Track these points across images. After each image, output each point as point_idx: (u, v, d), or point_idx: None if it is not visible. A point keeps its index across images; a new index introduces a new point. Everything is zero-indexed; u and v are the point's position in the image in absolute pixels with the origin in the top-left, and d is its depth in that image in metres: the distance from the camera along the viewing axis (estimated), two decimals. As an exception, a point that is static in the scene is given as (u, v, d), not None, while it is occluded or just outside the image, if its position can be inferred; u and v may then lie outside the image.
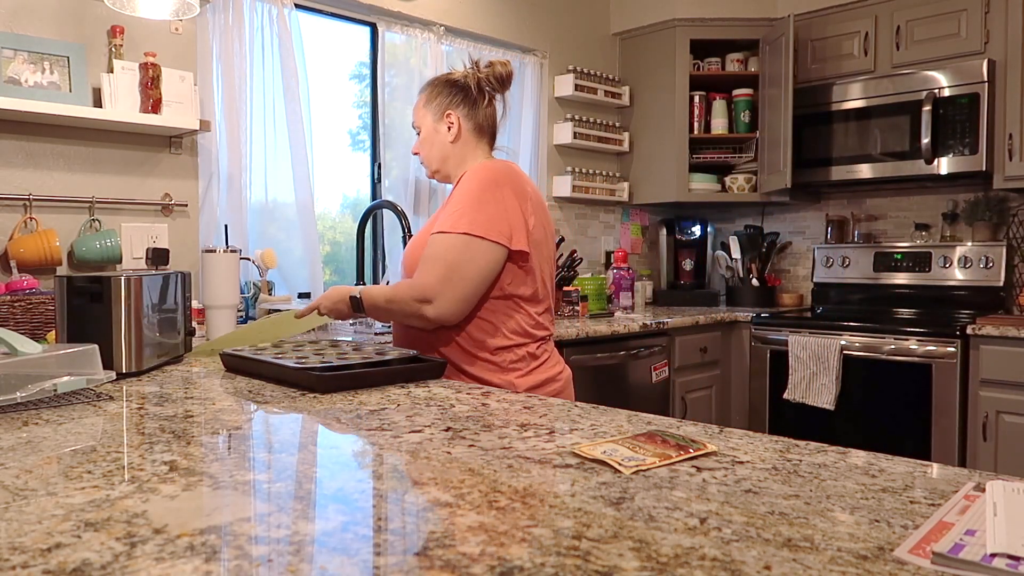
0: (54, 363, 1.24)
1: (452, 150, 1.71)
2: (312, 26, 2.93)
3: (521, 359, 1.61)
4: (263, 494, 0.76)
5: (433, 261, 1.54)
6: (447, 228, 1.55)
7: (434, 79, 1.76)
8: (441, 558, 0.59)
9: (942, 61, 3.17)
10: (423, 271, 1.55)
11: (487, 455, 0.90)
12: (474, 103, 1.70)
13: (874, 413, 2.98)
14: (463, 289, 1.53)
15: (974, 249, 3.29)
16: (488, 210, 1.54)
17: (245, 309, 2.54)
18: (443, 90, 1.71)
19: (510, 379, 1.58)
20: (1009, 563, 0.56)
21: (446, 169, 1.73)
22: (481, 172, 1.59)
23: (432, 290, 1.52)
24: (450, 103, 1.70)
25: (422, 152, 1.76)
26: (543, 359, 1.66)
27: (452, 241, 1.53)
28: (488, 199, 1.55)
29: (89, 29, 2.26)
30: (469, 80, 1.71)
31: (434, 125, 1.72)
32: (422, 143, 1.75)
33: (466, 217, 1.53)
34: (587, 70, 3.71)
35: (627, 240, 4.07)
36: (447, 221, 1.56)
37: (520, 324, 1.61)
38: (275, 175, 2.72)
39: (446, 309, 1.54)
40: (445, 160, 1.72)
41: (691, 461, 0.87)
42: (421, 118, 1.74)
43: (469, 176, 1.60)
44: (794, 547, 0.62)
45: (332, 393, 1.31)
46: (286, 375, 1.40)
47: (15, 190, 2.14)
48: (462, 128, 1.70)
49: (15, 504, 0.71)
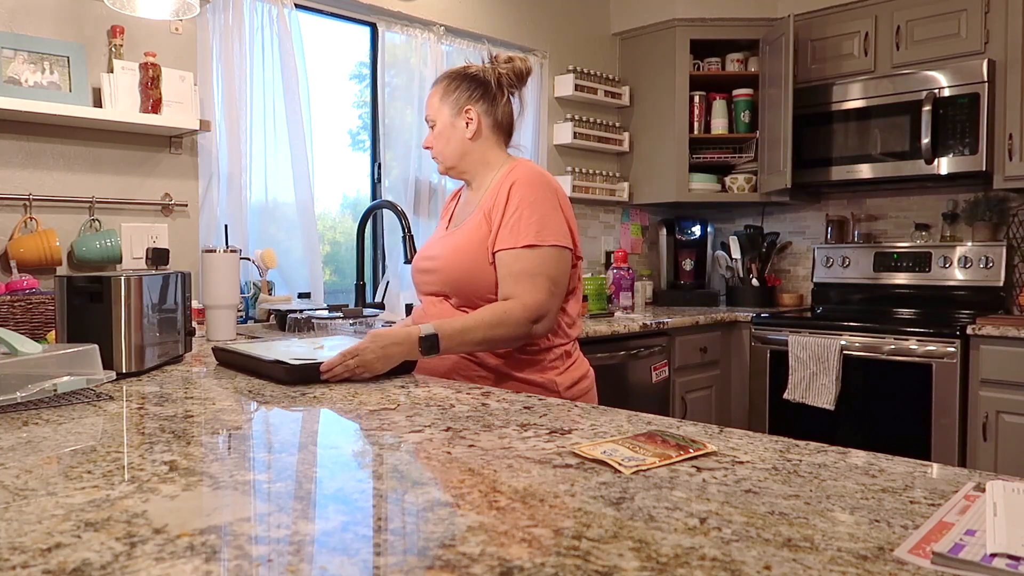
0: (54, 363, 1.24)
1: (471, 147, 1.67)
2: (312, 26, 2.93)
3: (559, 358, 1.62)
4: (263, 494, 0.76)
5: (539, 278, 1.51)
6: (535, 240, 1.51)
7: (451, 71, 1.71)
8: (441, 558, 0.59)
9: (942, 61, 3.17)
10: (529, 289, 1.50)
11: (487, 455, 0.90)
12: (493, 99, 1.66)
13: (874, 413, 2.98)
14: (561, 301, 1.56)
15: (974, 249, 3.29)
16: (556, 217, 1.55)
17: (245, 309, 2.54)
18: (462, 84, 1.66)
19: (551, 377, 1.59)
20: (1009, 563, 0.56)
21: (462, 166, 1.69)
22: (533, 178, 1.57)
23: (546, 307, 1.51)
24: (469, 98, 1.65)
25: (436, 147, 1.70)
26: (576, 357, 1.68)
27: (547, 255, 1.52)
28: (550, 206, 1.55)
29: (89, 29, 2.26)
30: (489, 75, 1.66)
31: (451, 120, 1.66)
32: (437, 137, 1.69)
33: (547, 228, 1.52)
34: (587, 70, 3.71)
35: (627, 240, 4.07)
36: (527, 233, 1.52)
37: (560, 325, 1.62)
38: (275, 175, 2.72)
39: (550, 324, 1.55)
40: (463, 157, 1.68)
41: (691, 461, 0.87)
42: (436, 112, 1.68)
43: (524, 184, 1.56)
44: (794, 547, 0.62)
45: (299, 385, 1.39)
46: (263, 368, 1.48)
47: (15, 190, 2.14)
48: (481, 125, 1.66)
49: (15, 504, 0.71)
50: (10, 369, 1.18)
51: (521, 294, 1.51)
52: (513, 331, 1.50)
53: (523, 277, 1.51)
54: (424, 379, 1.47)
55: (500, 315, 1.50)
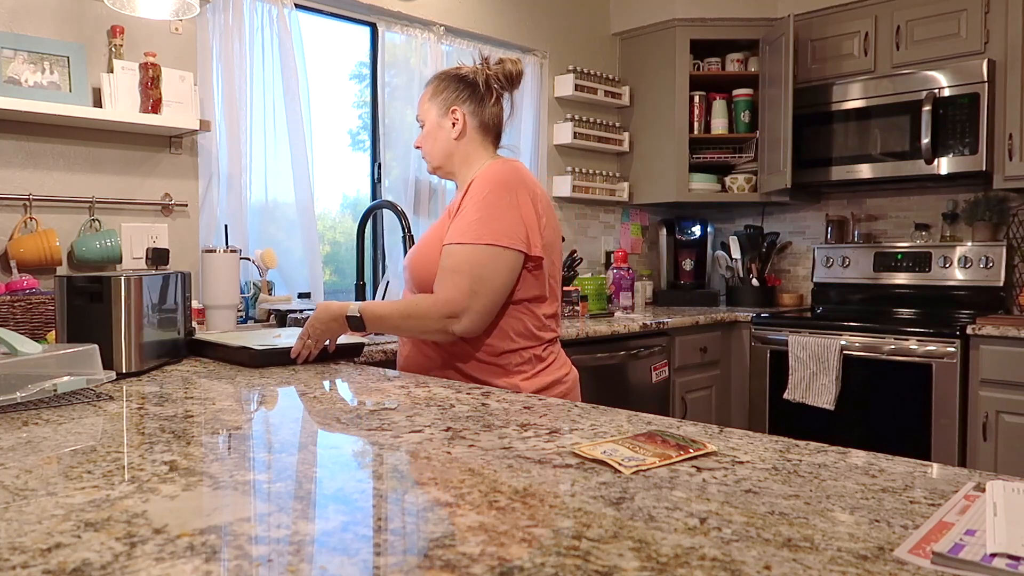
0: (54, 363, 1.24)
1: (455, 147, 1.67)
2: (312, 26, 2.93)
3: (526, 362, 1.59)
4: (263, 494, 0.76)
5: (457, 274, 1.50)
6: (467, 239, 1.50)
7: (442, 72, 1.72)
8: (441, 558, 0.59)
9: (942, 61, 3.17)
10: (447, 285, 1.50)
11: (487, 455, 0.90)
12: (481, 100, 1.67)
13: (874, 413, 2.98)
14: (489, 302, 1.51)
15: (974, 249, 3.29)
16: (506, 216, 1.51)
17: (245, 309, 2.54)
18: (450, 84, 1.67)
19: (514, 382, 1.56)
20: (1009, 563, 0.56)
21: (448, 166, 1.70)
22: (493, 176, 1.56)
23: (460, 305, 1.49)
24: (456, 98, 1.66)
25: (424, 146, 1.72)
26: (549, 361, 1.63)
27: (476, 253, 1.49)
28: (504, 204, 1.52)
29: (89, 29, 2.26)
30: (478, 76, 1.67)
31: (438, 120, 1.68)
32: (425, 137, 1.71)
33: (485, 225, 1.50)
34: (587, 70, 3.71)
35: (627, 240, 4.07)
36: (465, 230, 1.51)
37: (526, 326, 1.59)
38: (275, 175, 2.72)
39: (473, 323, 1.51)
40: (448, 157, 1.69)
41: (691, 461, 0.87)
42: (426, 111, 1.70)
43: (480, 181, 1.56)
44: (794, 547, 0.62)
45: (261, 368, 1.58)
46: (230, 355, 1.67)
47: (15, 190, 2.14)
48: (467, 125, 1.66)
49: (15, 504, 0.71)
50: (10, 369, 1.18)
51: (438, 290, 1.52)
52: (423, 324, 1.53)
53: (445, 273, 1.52)
54: (424, 379, 1.47)
55: (412, 307, 1.54)
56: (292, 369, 1.60)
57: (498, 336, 1.56)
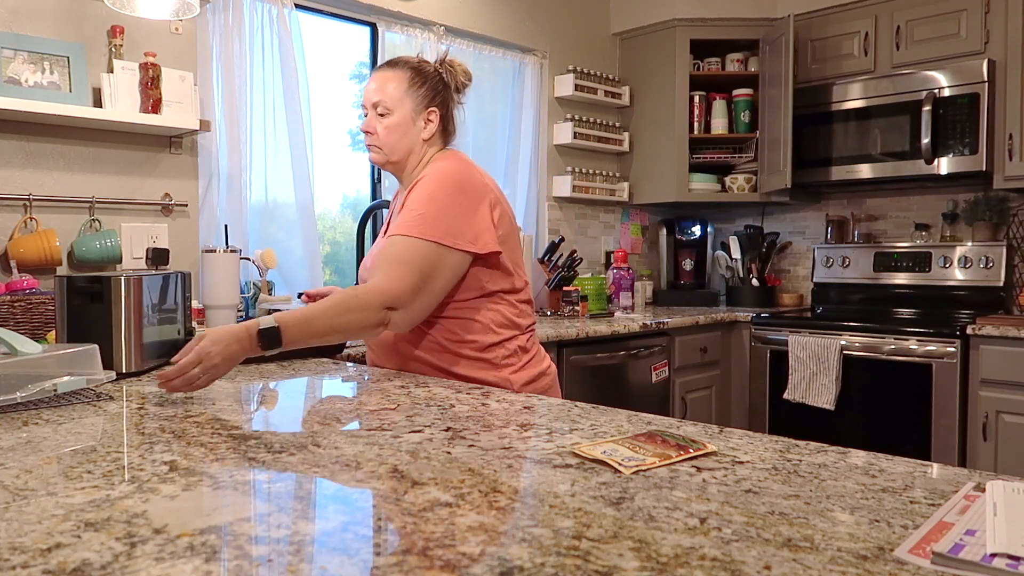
0: (54, 363, 1.24)
1: (420, 148, 1.62)
2: (312, 26, 2.93)
3: (513, 354, 1.57)
4: (263, 494, 0.76)
5: (404, 266, 1.42)
6: (414, 232, 1.44)
7: (412, 64, 1.63)
8: (441, 558, 0.59)
9: (942, 61, 3.17)
10: (393, 275, 1.41)
11: (487, 455, 0.90)
12: (448, 104, 1.64)
13: (874, 413, 2.98)
14: (430, 301, 1.46)
15: (974, 249, 3.29)
16: (454, 214, 1.47)
17: (245, 309, 2.54)
18: (428, 81, 1.61)
19: (505, 375, 1.54)
20: (1009, 563, 0.56)
21: (405, 163, 1.63)
22: (443, 173, 1.52)
23: (404, 298, 1.40)
24: (434, 98, 1.61)
25: (386, 137, 1.60)
26: (533, 352, 1.62)
27: (424, 249, 1.43)
28: (453, 203, 1.48)
29: (89, 29, 2.26)
30: (449, 78, 1.63)
31: (412, 116, 1.60)
32: (391, 128, 1.59)
33: (435, 223, 1.45)
34: (587, 70, 3.71)
35: (627, 240, 4.07)
36: (413, 224, 1.45)
37: (505, 316, 1.56)
38: (275, 175, 2.72)
39: (410, 320, 1.45)
40: (410, 154, 1.62)
41: (691, 461, 0.87)
42: (396, 102, 1.59)
43: (431, 178, 1.52)
44: (794, 547, 0.62)
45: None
46: None
47: (15, 190, 2.14)
48: (437, 128, 1.62)
49: (15, 504, 0.71)
50: (10, 369, 1.18)
51: (381, 278, 1.41)
52: (363, 316, 1.38)
53: (391, 262, 1.43)
54: (424, 379, 1.47)
55: (350, 299, 1.39)
56: (292, 369, 1.60)
57: (481, 331, 1.54)
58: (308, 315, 1.36)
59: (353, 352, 1.93)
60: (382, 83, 1.60)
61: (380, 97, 1.60)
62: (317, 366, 1.64)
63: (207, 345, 1.26)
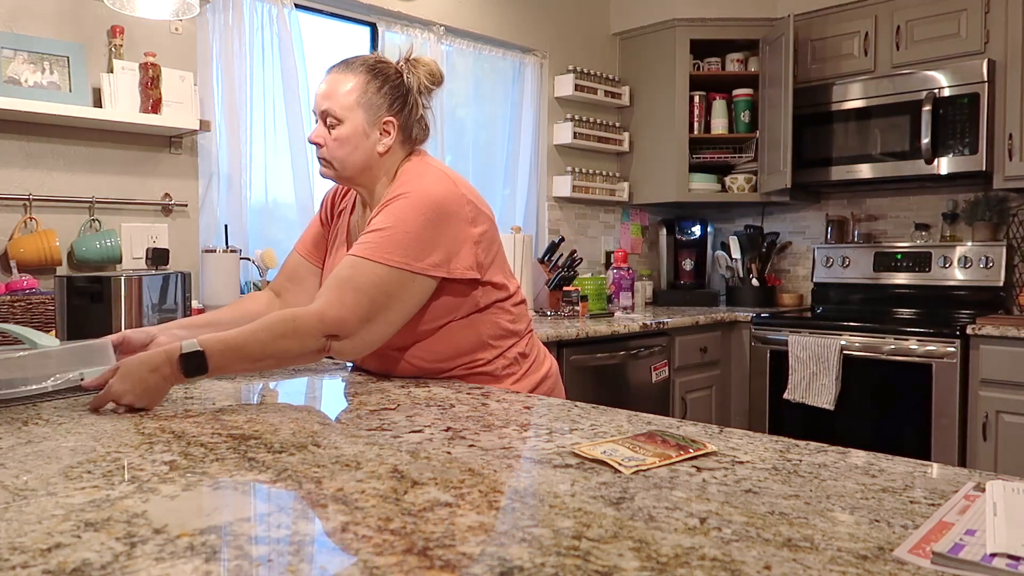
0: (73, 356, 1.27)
1: (377, 162, 1.45)
2: (312, 26, 2.93)
3: (513, 362, 1.50)
4: (263, 494, 0.76)
5: (354, 292, 1.28)
6: (375, 255, 1.30)
7: (370, 64, 1.45)
8: (441, 558, 0.59)
9: (942, 61, 3.17)
10: (340, 301, 1.28)
11: (487, 455, 0.90)
12: (411, 110, 1.45)
13: (874, 413, 2.98)
14: (381, 334, 1.33)
15: (974, 249, 3.29)
16: (425, 236, 1.33)
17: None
18: (383, 88, 1.42)
19: (507, 387, 1.47)
20: (1009, 563, 0.56)
21: (361, 179, 1.47)
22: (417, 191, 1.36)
23: (348, 327, 1.27)
24: (390, 108, 1.43)
25: (336, 152, 1.43)
26: (532, 357, 1.56)
27: (383, 275, 1.29)
28: (426, 223, 1.33)
29: (89, 29, 2.26)
30: (411, 81, 1.45)
31: (364, 127, 1.42)
32: (341, 142, 1.42)
33: (400, 245, 1.30)
34: (587, 70, 3.71)
35: (627, 240, 4.07)
36: (376, 246, 1.31)
37: (501, 327, 1.48)
38: (275, 175, 2.72)
39: (353, 351, 1.32)
40: (365, 170, 1.45)
41: (691, 461, 0.87)
42: (346, 111, 1.41)
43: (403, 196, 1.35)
44: (794, 547, 0.62)
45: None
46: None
47: (15, 190, 2.14)
48: (395, 139, 1.45)
49: (15, 504, 0.71)
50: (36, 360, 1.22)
51: (324, 303, 1.28)
52: (300, 343, 1.25)
53: (341, 285, 1.29)
54: (424, 379, 1.47)
55: (289, 324, 1.25)
56: (292, 369, 1.60)
57: (478, 347, 1.46)
58: (239, 339, 1.22)
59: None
60: (331, 88, 1.42)
61: (329, 104, 1.42)
62: (317, 366, 1.64)
63: (118, 383, 1.14)
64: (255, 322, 1.26)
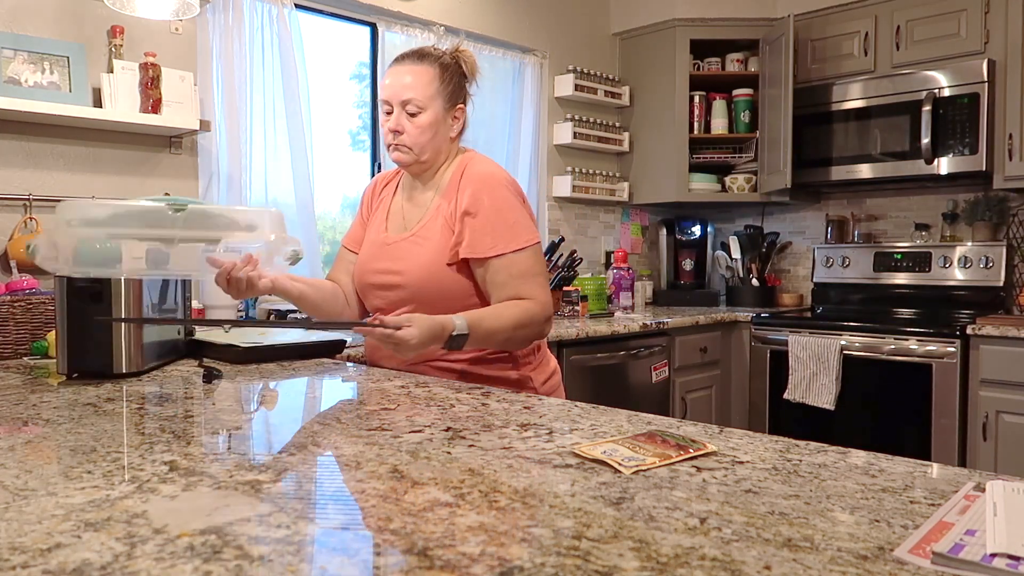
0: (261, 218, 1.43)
1: (448, 147, 1.59)
2: (312, 26, 2.93)
3: (530, 352, 1.60)
4: (263, 494, 0.76)
5: (539, 276, 1.51)
6: (518, 244, 1.49)
7: (440, 56, 1.57)
8: (441, 558, 0.59)
9: (942, 61, 3.17)
10: (538, 288, 1.50)
11: (487, 455, 0.90)
12: (467, 98, 1.62)
13: (874, 413, 2.98)
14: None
15: (974, 249, 3.29)
16: (525, 213, 1.54)
17: (245, 309, 2.54)
18: (453, 77, 1.56)
19: (526, 373, 1.57)
20: (1009, 563, 0.56)
21: (433, 162, 1.59)
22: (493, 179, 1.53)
23: (553, 307, 1.53)
24: (461, 95, 1.59)
25: (418, 136, 1.53)
26: (543, 351, 1.66)
27: (536, 254, 1.52)
28: (517, 204, 1.53)
29: (89, 29, 2.26)
30: (466, 71, 1.59)
31: (443, 115, 1.55)
32: (424, 128, 1.52)
33: (524, 228, 1.51)
34: (587, 70, 3.71)
35: (627, 240, 4.07)
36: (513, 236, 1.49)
37: None
38: (275, 175, 2.72)
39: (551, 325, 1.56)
40: (438, 154, 1.58)
41: (691, 461, 0.87)
42: (429, 99, 1.53)
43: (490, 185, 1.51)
44: (794, 547, 0.62)
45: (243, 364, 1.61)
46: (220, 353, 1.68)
47: (15, 190, 2.14)
48: (462, 125, 1.61)
49: (15, 504, 0.71)
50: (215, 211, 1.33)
51: (537, 294, 1.49)
52: (534, 331, 1.50)
53: (529, 277, 1.49)
54: (424, 379, 1.47)
55: (524, 316, 1.46)
56: (292, 369, 1.60)
57: None
58: (492, 329, 1.42)
59: (353, 352, 1.93)
60: (413, 79, 1.53)
61: (413, 95, 1.52)
62: (317, 366, 1.64)
63: (414, 334, 1.30)
64: (500, 313, 1.45)
